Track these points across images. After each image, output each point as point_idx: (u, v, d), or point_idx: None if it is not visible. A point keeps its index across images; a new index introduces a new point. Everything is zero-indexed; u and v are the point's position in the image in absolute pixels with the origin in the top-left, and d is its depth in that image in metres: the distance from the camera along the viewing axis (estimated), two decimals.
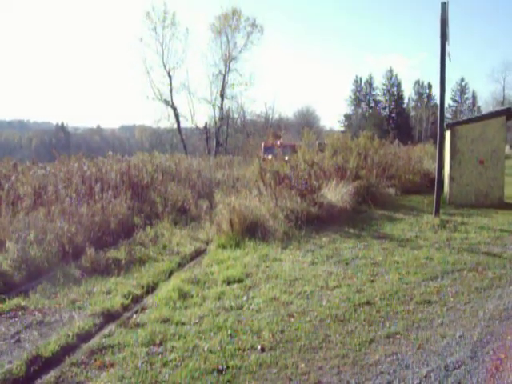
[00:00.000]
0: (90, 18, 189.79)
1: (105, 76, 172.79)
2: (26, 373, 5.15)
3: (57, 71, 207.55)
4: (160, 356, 5.43)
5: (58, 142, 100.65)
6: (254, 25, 52.31)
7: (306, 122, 68.80)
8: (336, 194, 14.44)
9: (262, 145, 31.68)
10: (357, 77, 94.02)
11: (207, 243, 11.40)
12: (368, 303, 6.99)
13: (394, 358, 5.27)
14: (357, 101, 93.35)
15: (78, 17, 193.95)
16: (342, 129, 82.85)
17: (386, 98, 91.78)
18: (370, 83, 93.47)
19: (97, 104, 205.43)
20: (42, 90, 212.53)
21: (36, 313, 6.95)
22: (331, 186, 14.89)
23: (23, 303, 7.27)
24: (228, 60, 52.56)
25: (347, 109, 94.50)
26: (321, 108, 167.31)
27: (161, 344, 5.75)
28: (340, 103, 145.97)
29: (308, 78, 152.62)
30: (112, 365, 5.26)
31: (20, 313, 6.96)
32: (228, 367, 5.13)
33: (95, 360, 5.39)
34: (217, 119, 53.52)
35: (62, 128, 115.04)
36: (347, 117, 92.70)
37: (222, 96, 53.00)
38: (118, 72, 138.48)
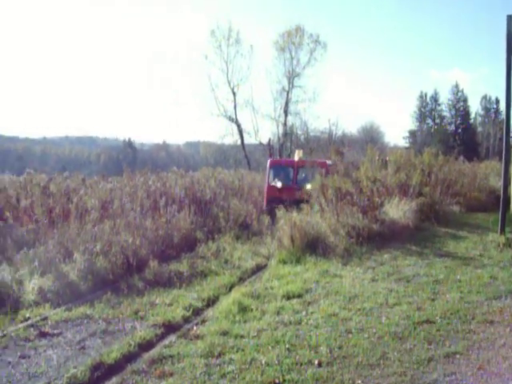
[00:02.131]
0: (159, 36, 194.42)
1: (171, 93, 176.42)
2: (89, 378, 5.37)
3: (126, 89, 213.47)
4: (218, 367, 5.52)
5: (125, 158, 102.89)
6: (317, 41, 52.00)
7: (370, 139, 67.77)
8: (398, 210, 14.26)
9: (268, 162, 19.09)
10: (422, 92, 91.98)
11: (268, 258, 11.49)
12: (428, 321, 6.88)
13: (453, 377, 5.18)
14: (422, 116, 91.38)
15: (146, 35, 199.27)
16: (407, 145, 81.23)
17: (452, 113, 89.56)
18: (435, 99, 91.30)
19: (163, 120, 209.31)
20: (112, 107, 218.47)
21: (100, 321, 7.21)
22: (393, 203, 14.72)
23: (89, 312, 7.57)
24: (291, 76, 52.53)
25: (412, 125, 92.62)
26: (385, 124, 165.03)
27: (219, 356, 5.85)
28: (405, 119, 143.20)
29: (372, 94, 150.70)
30: (171, 374, 5.39)
31: (85, 321, 7.26)
32: (284, 381, 5.17)
33: (155, 369, 5.54)
34: (280, 135, 53.56)
35: (129, 144, 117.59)
36: (412, 133, 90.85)
37: (286, 112, 52.96)
38: (183, 89, 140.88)
